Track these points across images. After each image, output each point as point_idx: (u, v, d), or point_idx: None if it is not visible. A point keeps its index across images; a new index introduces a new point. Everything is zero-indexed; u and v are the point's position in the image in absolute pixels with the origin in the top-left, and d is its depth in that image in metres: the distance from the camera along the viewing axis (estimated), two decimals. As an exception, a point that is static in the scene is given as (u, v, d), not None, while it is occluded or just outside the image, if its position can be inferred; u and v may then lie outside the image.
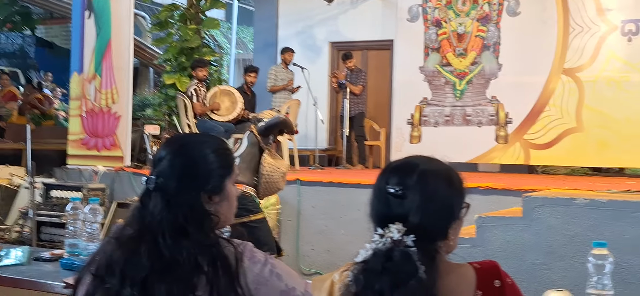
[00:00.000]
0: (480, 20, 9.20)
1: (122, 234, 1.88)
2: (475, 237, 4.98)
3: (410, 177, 1.76)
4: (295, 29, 12.00)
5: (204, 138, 2.06)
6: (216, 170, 1.95)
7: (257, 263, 1.90)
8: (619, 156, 8.50)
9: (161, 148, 1.97)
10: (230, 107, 9.48)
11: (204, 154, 1.94)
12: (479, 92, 9.13)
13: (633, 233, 4.55)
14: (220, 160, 1.97)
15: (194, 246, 1.81)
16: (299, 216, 7.58)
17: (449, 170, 1.83)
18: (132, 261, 1.81)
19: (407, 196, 1.73)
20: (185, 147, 1.97)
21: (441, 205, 1.76)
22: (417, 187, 1.74)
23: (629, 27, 8.44)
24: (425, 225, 1.71)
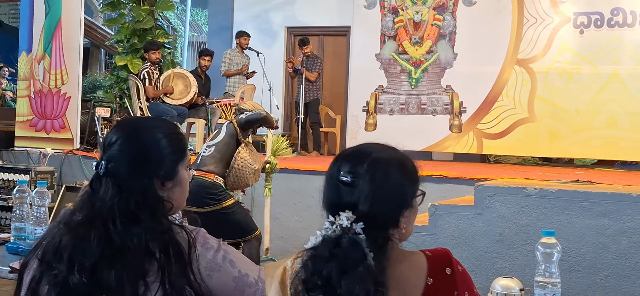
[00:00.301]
0: (436, 9, 9.24)
1: (71, 219, 1.83)
2: (428, 225, 5.01)
3: (361, 165, 1.75)
4: (251, 13, 11.91)
5: (156, 122, 2.01)
6: (169, 156, 1.91)
7: (210, 249, 1.88)
8: (569, 147, 8.64)
9: (112, 132, 1.92)
10: (183, 90, 9.37)
11: (156, 139, 1.91)
12: (434, 81, 9.19)
13: (581, 223, 4.62)
14: (173, 145, 1.93)
15: (146, 232, 1.78)
16: (252, 202, 7.53)
17: (403, 159, 1.82)
18: (82, 247, 1.77)
19: (357, 184, 1.73)
20: (137, 132, 1.92)
21: (391, 194, 1.75)
22: (367, 175, 1.74)
23: (581, 20, 8.56)
24: (375, 213, 1.71)
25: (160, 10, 11.15)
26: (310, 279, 1.68)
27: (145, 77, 9.17)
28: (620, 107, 8.29)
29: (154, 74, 9.28)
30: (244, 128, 5.29)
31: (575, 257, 4.53)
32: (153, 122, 2.03)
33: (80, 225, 1.80)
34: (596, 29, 8.48)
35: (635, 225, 4.45)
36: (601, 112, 8.38)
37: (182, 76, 9.53)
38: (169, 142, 1.92)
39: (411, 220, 1.81)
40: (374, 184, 1.73)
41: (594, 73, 8.45)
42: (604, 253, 4.51)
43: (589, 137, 8.44)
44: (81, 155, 8.57)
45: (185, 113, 9.25)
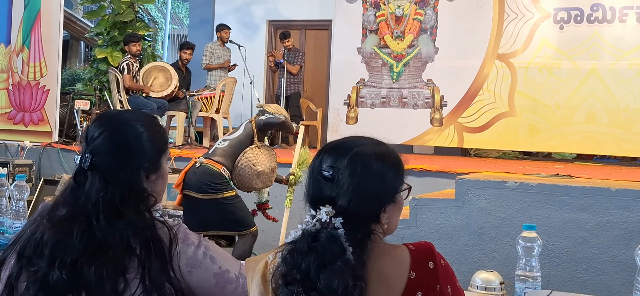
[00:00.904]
0: (418, 4, 9.26)
1: (54, 214, 1.80)
2: (409, 219, 5.03)
3: (342, 159, 1.75)
4: (232, 6, 11.86)
5: (138, 115, 2.00)
6: (153, 148, 1.91)
7: (191, 245, 1.86)
8: (548, 141, 8.70)
9: (94, 125, 1.90)
10: (164, 83, 9.32)
11: (140, 131, 1.90)
12: (416, 75, 9.21)
13: (560, 216, 4.66)
14: (156, 137, 1.93)
15: (128, 227, 1.77)
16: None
17: (386, 153, 1.80)
18: (63, 242, 1.75)
19: (337, 178, 1.73)
20: (121, 124, 1.91)
21: (372, 189, 1.74)
22: (347, 169, 1.73)
23: (561, 15, 8.61)
24: (354, 208, 1.70)
25: (141, 2, 11.08)
26: (289, 273, 1.68)
27: (124, 68, 9.11)
28: (599, 103, 8.35)
29: (134, 66, 9.22)
30: (261, 130, 5.36)
31: (555, 251, 4.57)
32: (135, 114, 2.01)
33: (63, 221, 1.78)
34: (576, 24, 8.53)
35: (615, 219, 4.49)
36: (580, 107, 8.44)
37: (163, 69, 9.48)
38: (152, 135, 1.92)
39: (395, 215, 1.81)
40: (354, 179, 1.72)
41: (573, 68, 8.50)
42: (584, 247, 4.55)
43: (569, 131, 8.50)
44: (60, 148, 8.50)
45: (166, 106, 9.20)
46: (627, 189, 4.60)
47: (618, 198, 4.52)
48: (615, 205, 4.52)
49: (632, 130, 8.21)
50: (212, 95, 9.53)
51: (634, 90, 8.23)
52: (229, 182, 5.17)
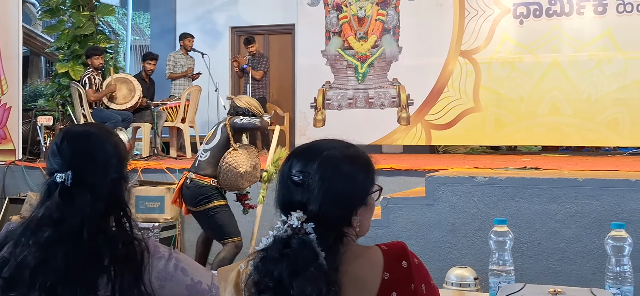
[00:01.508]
0: (379, 4, 9.29)
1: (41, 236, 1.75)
2: (381, 218, 5.03)
3: (312, 163, 1.73)
4: (194, 14, 11.78)
5: (103, 127, 1.99)
6: (125, 158, 1.90)
7: (161, 258, 1.83)
8: (514, 134, 8.78)
9: (66, 142, 1.85)
10: (128, 95, 9.21)
11: (114, 143, 1.88)
12: (381, 75, 9.24)
13: (529, 209, 4.70)
14: (123, 147, 1.92)
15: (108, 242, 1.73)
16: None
17: (356, 155, 1.79)
18: (46, 264, 1.70)
19: (307, 183, 1.71)
20: (94, 137, 1.88)
21: (342, 192, 1.73)
22: (317, 174, 1.72)
23: (520, 10, 8.70)
24: (325, 212, 1.69)
25: (101, 15, 10.95)
26: (261, 281, 1.66)
27: (86, 82, 8.98)
28: (562, 94, 8.46)
29: (96, 79, 9.10)
30: (237, 132, 5.52)
31: (527, 243, 4.60)
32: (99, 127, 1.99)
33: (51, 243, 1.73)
34: (535, 18, 8.63)
35: (583, 209, 4.54)
36: (544, 100, 8.54)
37: (126, 81, 9.37)
38: (121, 145, 1.91)
39: (367, 217, 1.80)
40: (324, 183, 1.71)
41: (535, 62, 8.60)
42: (554, 238, 4.59)
43: (534, 124, 8.59)
44: (24, 165, 8.35)
45: (130, 118, 9.10)
46: (594, 179, 4.66)
47: (585, 188, 4.57)
48: (583, 195, 4.57)
49: (595, 120, 8.33)
50: (177, 104, 9.45)
51: (595, 80, 8.35)
52: (220, 191, 5.41)
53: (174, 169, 7.61)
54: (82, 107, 8.97)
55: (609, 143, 8.64)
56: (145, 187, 7.34)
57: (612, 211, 4.45)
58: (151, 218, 7.10)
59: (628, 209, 4.39)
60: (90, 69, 9.18)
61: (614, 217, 4.30)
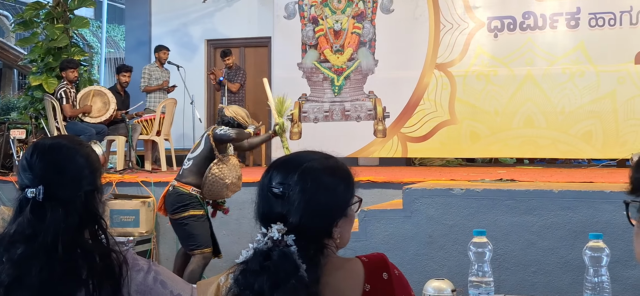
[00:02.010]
0: (355, 18, 9.33)
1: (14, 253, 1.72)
2: (358, 231, 5.03)
3: (292, 175, 1.72)
4: (169, 27, 11.73)
5: (74, 139, 1.95)
6: (97, 169, 1.87)
7: (140, 271, 1.81)
8: (489, 147, 8.85)
9: (36, 155, 1.82)
10: (102, 108, 9.13)
11: (86, 154, 1.85)
12: (357, 88, 9.27)
13: (506, 220, 4.72)
14: (95, 158, 1.89)
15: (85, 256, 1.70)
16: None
17: (336, 167, 1.79)
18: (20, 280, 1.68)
19: (287, 195, 1.70)
20: (65, 150, 1.85)
21: (323, 204, 1.73)
22: (297, 186, 1.71)
23: (494, 24, 8.79)
24: (306, 224, 1.68)
25: (75, 27, 10.87)
26: (242, 294, 1.65)
27: (62, 96, 8.89)
28: (536, 107, 8.55)
29: (72, 93, 9.01)
30: (220, 142, 5.58)
31: (504, 255, 4.62)
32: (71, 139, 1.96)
33: (24, 259, 1.70)
34: (509, 32, 8.73)
35: (559, 221, 4.57)
36: (518, 112, 8.62)
37: (100, 93, 9.29)
38: (94, 157, 1.88)
39: (347, 229, 1.79)
40: (304, 195, 1.70)
41: (509, 75, 8.69)
42: (531, 250, 4.62)
43: (509, 136, 8.67)
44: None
45: (105, 131, 9.02)
46: (569, 190, 4.70)
47: (561, 200, 4.61)
48: (558, 206, 4.60)
49: (569, 132, 8.42)
50: (153, 117, 9.38)
51: (568, 93, 8.45)
52: (199, 200, 5.44)
53: (149, 182, 7.55)
54: (55, 120, 8.87)
55: (582, 155, 8.73)
56: (120, 200, 7.28)
57: (587, 222, 4.48)
58: (126, 232, 7.04)
59: (603, 220, 4.43)
60: (65, 82, 9.09)
61: (589, 228, 4.33)
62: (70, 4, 10.69)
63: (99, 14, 16.03)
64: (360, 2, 9.31)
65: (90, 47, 15.01)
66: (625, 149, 8.13)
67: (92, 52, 14.43)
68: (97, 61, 15.12)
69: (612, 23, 8.31)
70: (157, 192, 7.42)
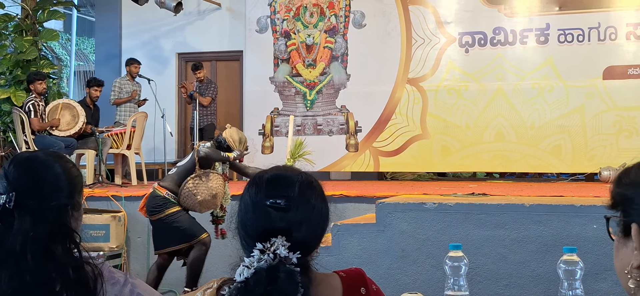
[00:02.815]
0: (328, 32, 9.36)
1: None
2: (331, 245, 5.01)
3: (292, 189, 1.70)
4: (140, 40, 11.65)
5: (56, 153, 1.93)
6: (76, 184, 1.84)
7: (116, 284, 1.78)
8: (461, 161, 8.91)
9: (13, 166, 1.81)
10: (71, 121, 9.03)
11: (61, 169, 1.82)
12: (329, 102, 9.29)
13: (479, 234, 4.74)
14: (76, 174, 1.87)
15: (56, 269, 1.68)
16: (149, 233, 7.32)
17: (316, 180, 1.80)
18: None
19: (291, 208, 1.67)
20: (43, 163, 1.83)
21: (320, 217, 1.73)
22: (300, 199, 1.69)
23: (466, 39, 8.88)
24: (309, 238, 1.67)
25: (44, 40, 10.75)
26: None
27: (30, 109, 8.77)
28: (507, 121, 8.64)
29: (40, 106, 8.90)
30: (204, 159, 5.72)
31: (476, 269, 4.64)
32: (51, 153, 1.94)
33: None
34: (480, 47, 8.82)
35: (530, 234, 4.61)
36: (489, 127, 8.70)
37: (69, 107, 9.18)
38: (72, 172, 1.86)
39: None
40: (307, 209, 1.69)
41: (480, 89, 8.77)
42: (503, 264, 4.64)
43: (480, 150, 8.74)
44: (-37, 193, 8.07)
45: (74, 144, 8.91)
46: (540, 204, 4.74)
47: (532, 214, 4.64)
48: (530, 220, 4.63)
49: (539, 146, 8.52)
50: (123, 131, 9.29)
51: (538, 108, 8.56)
52: (172, 200, 5.61)
53: (119, 197, 7.48)
54: (24, 133, 8.75)
55: (552, 169, 8.84)
56: (89, 215, 7.19)
57: (558, 236, 4.52)
58: (96, 247, 6.95)
59: (574, 234, 4.47)
60: (33, 94, 8.97)
61: (560, 242, 4.37)
62: (40, 16, 10.59)
63: (69, 26, 15.86)
64: (333, 17, 9.35)
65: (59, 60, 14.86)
66: (594, 163, 8.26)
67: (61, 64, 14.29)
68: (66, 74, 14.96)
69: (581, 39, 8.45)
70: (128, 206, 7.35)
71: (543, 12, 8.63)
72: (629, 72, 8.33)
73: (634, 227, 1.32)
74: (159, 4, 10.39)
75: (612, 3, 8.42)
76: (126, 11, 11.65)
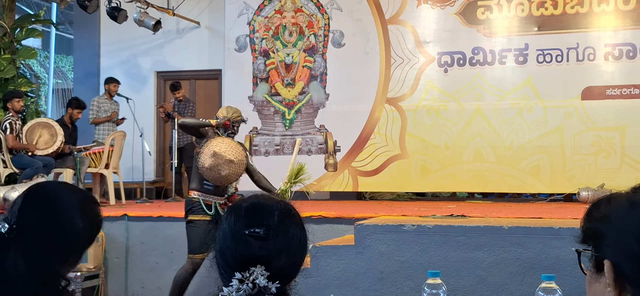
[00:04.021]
0: (307, 51, 9.36)
1: None
2: (310, 267, 4.98)
3: (271, 218, 1.67)
4: (118, 59, 11.59)
5: (75, 198, 1.81)
6: (85, 242, 1.78)
7: None
8: (440, 181, 8.91)
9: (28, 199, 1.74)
10: (49, 140, 8.93)
11: (78, 221, 1.75)
12: (308, 121, 9.27)
13: (457, 256, 4.73)
14: (91, 231, 1.79)
15: None
16: (127, 253, 7.25)
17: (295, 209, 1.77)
18: None
19: (271, 236, 1.65)
20: (60, 208, 1.75)
21: (299, 245, 1.71)
22: (280, 227, 1.67)
23: (444, 59, 8.91)
24: (288, 266, 1.65)
25: (23, 58, 10.66)
26: None
27: (7, 127, 8.67)
28: (485, 141, 8.66)
29: (17, 125, 8.80)
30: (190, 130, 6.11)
31: (454, 291, 4.62)
32: (73, 196, 1.83)
33: None
34: (459, 67, 8.85)
35: (509, 257, 4.60)
36: (468, 147, 8.72)
37: (48, 126, 9.09)
38: (89, 228, 1.78)
39: None
40: (287, 237, 1.67)
41: (459, 109, 8.80)
42: (481, 286, 4.63)
43: (459, 170, 8.75)
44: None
45: (52, 163, 8.81)
46: (519, 226, 4.74)
47: (511, 236, 4.64)
48: (508, 242, 4.63)
49: (518, 167, 8.55)
50: (101, 150, 9.21)
51: (517, 128, 8.59)
52: (200, 204, 5.67)
53: (97, 217, 7.37)
54: (1, 152, 8.64)
55: (531, 189, 8.86)
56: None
57: (537, 259, 4.52)
58: (72, 268, 6.84)
59: (553, 256, 4.47)
60: (11, 113, 8.88)
61: (539, 265, 4.38)
62: (18, 34, 10.51)
63: (47, 44, 15.73)
64: (312, 36, 9.36)
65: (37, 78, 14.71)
66: (573, 184, 8.29)
67: (39, 82, 14.15)
68: (44, 92, 14.83)
69: (560, 59, 8.51)
70: (106, 226, 7.26)
71: (522, 33, 8.69)
72: (607, 92, 8.40)
73: (606, 264, 1.30)
74: (138, 23, 10.34)
75: (590, 24, 8.50)
76: (105, 29, 11.59)
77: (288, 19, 9.49)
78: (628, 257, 1.27)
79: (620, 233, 1.29)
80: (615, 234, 1.30)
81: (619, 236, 1.29)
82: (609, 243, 1.31)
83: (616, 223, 1.31)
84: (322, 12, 9.39)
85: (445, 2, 8.94)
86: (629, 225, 1.28)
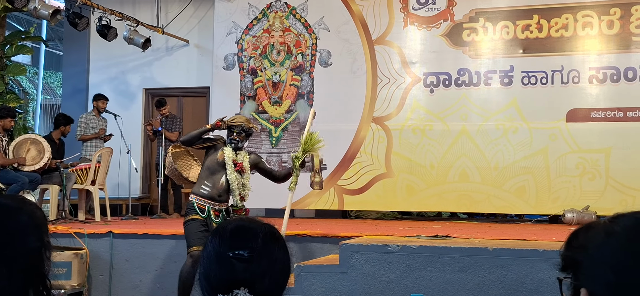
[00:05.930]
0: (294, 70, 9.41)
1: None
2: (294, 286, 4.99)
3: (255, 241, 1.70)
4: (107, 75, 11.59)
5: (15, 197, 1.90)
6: (44, 225, 1.82)
7: None
8: (425, 200, 8.94)
9: None
10: (36, 156, 8.91)
11: (29, 211, 1.80)
12: (294, 139, 9.30)
13: (442, 278, 4.76)
14: (40, 214, 1.85)
15: None
16: (111, 270, 7.23)
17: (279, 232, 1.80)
18: None
19: (255, 259, 1.67)
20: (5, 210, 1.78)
21: (282, 268, 1.73)
22: (263, 251, 1.69)
23: (430, 79, 8.98)
24: (271, 288, 1.67)
25: (12, 74, 10.63)
26: None
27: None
28: (471, 162, 8.71)
29: (3, 141, 8.77)
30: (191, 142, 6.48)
31: (438, 312, 4.65)
32: (11, 197, 1.91)
33: None
34: (445, 88, 8.92)
35: (494, 279, 4.64)
36: (454, 166, 8.77)
37: (35, 141, 9.07)
38: (38, 214, 1.84)
39: None
40: (270, 259, 1.69)
41: (445, 129, 8.85)
42: (465, 306, 4.66)
43: (444, 190, 8.79)
44: None
45: (38, 179, 8.79)
46: (504, 248, 4.77)
47: (495, 258, 4.68)
48: (493, 264, 4.66)
49: (503, 187, 8.60)
50: (88, 166, 9.19)
51: (502, 149, 8.65)
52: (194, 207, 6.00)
53: (82, 234, 7.37)
54: (-14, 168, 8.61)
55: (516, 210, 8.91)
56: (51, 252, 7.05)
57: (521, 281, 4.56)
58: (57, 284, 6.81)
59: (537, 279, 4.51)
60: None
61: (523, 287, 4.41)
62: (7, 50, 10.49)
63: (36, 59, 15.71)
64: (299, 55, 9.41)
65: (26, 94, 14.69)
66: (557, 205, 8.35)
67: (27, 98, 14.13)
68: (32, 107, 14.79)
69: (544, 82, 8.59)
70: (91, 243, 7.25)
71: (507, 55, 8.77)
72: (591, 114, 8.48)
73: (583, 292, 1.33)
74: (128, 40, 10.36)
75: (575, 47, 8.59)
76: (94, 46, 11.59)
77: (276, 38, 9.54)
78: (604, 287, 1.29)
79: (596, 263, 1.32)
80: (591, 263, 1.33)
81: (595, 266, 1.32)
82: (586, 272, 1.33)
83: (593, 253, 1.33)
84: (309, 32, 9.45)
85: (431, 24, 9.02)
86: (605, 255, 1.31)
